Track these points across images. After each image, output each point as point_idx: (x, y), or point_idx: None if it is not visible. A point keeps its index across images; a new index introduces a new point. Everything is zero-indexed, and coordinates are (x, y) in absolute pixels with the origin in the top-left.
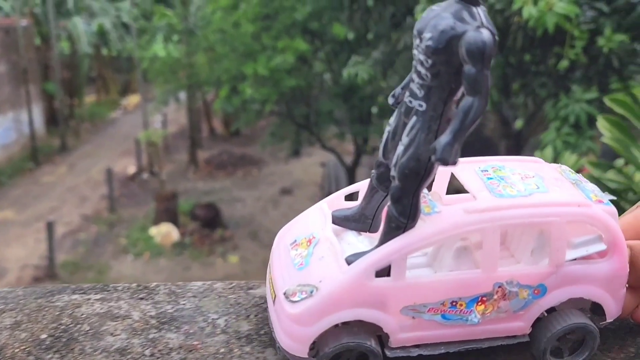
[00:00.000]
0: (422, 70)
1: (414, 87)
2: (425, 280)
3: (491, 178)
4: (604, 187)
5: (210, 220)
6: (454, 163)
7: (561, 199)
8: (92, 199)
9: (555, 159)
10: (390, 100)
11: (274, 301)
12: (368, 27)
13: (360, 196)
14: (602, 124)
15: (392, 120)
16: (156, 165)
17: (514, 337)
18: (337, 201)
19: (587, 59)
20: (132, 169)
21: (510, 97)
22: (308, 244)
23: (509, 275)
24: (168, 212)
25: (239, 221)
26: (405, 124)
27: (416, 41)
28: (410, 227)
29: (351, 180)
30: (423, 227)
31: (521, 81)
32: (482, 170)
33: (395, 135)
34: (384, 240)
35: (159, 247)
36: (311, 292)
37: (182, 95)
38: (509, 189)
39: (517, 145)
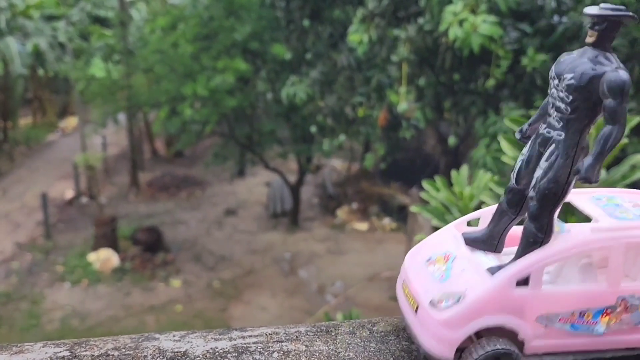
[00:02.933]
0: (562, 105)
1: (552, 120)
2: (559, 291)
3: (607, 205)
4: None
5: (151, 244)
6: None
7: None
8: (27, 225)
9: (470, 177)
10: (518, 135)
11: (416, 311)
12: (306, 47)
13: (483, 222)
14: (503, 143)
15: (526, 150)
16: (95, 189)
17: (635, 349)
18: (460, 226)
19: (513, 77)
20: (69, 194)
21: (443, 115)
22: (445, 260)
23: (632, 290)
24: (107, 237)
25: (181, 244)
26: (540, 153)
27: (554, 82)
28: (546, 243)
29: (296, 199)
30: (557, 243)
31: (452, 100)
32: (596, 199)
33: (529, 163)
34: (522, 253)
35: (97, 273)
36: (458, 299)
37: (123, 116)
38: (626, 214)
39: (455, 161)
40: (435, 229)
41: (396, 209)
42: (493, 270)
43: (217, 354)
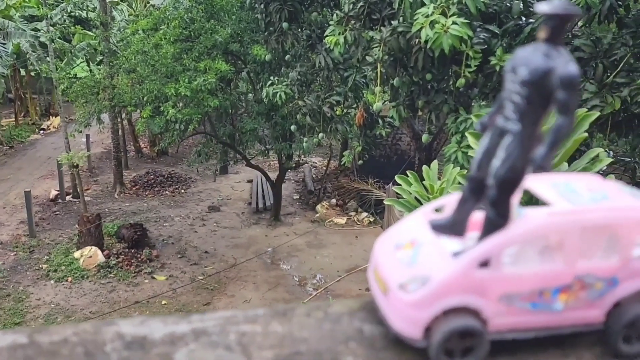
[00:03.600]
0: (517, 98)
1: (508, 112)
2: (518, 271)
3: (563, 190)
4: None
5: (136, 240)
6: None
7: (626, 205)
8: (10, 224)
9: (441, 172)
10: (478, 127)
11: (385, 294)
12: (285, 48)
13: (448, 208)
14: (470, 139)
15: (485, 141)
16: (79, 187)
17: (591, 324)
18: (428, 213)
19: (483, 77)
20: (54, 192)
21: (417, 113)
22: (412, 245)
23: (587, 270)
24: (92, 235)
25: (166, 240)
26: (498, 144)
27: (510, 76)
28: (506, 227)
29: (277, 195)
30: (516, 227)
31: (425, 98)
32: (553, 185)
33: (489, 153)
34: (484, 238)
35: (82, 270)
36: (424, 281)
37: (107, 116)
38: (581, 199)
39: (429, 157)
40: None
41: (373, 204)
42: (457, 254)
43: (175, 337)
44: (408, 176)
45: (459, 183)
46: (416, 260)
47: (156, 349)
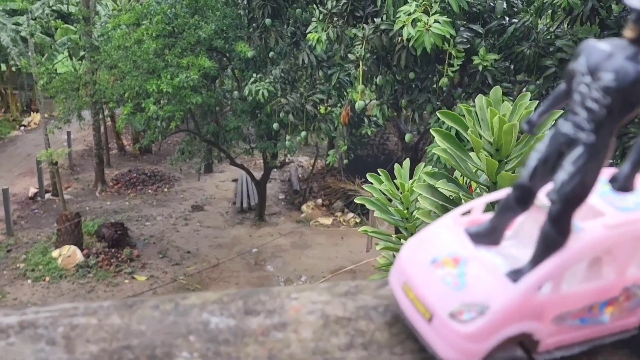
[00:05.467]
0: (595, 106)
1: (579, 120)
2: (574, 290)
3: (604, 193)
4: (439, 195)
5: (117, 239)
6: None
7: None
8: None
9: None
10: (525, 127)
11: (429, 321)
12: (268, 45)
13: (475, 214)
14: (436, 137)
15: (543, 147)
16: (59, 185)
17: (627, 331)
18: (457, 218)
19: (466, 76)
20: (33, 190)
21: (401, 113)
22: (455, 263)
23: (633, 279)
24: (71, 234)
25: (148, 239)
26: (560, 153)
27: (585, 78)
28: (565, 246)
29: (262, 194)
30: (575, 244)
31: (408, 97)
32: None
33: (547, 162)
34: (541, 257)
35: (60, 270)
36: (482, 310)
37: (88, 112)
38: (625, 203)
39: (415, 157)
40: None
41: (359, 204)
42: (514, 277)
43: None
44: (379, 174)
45: (424, 181)
46: (465, 282)
47: None
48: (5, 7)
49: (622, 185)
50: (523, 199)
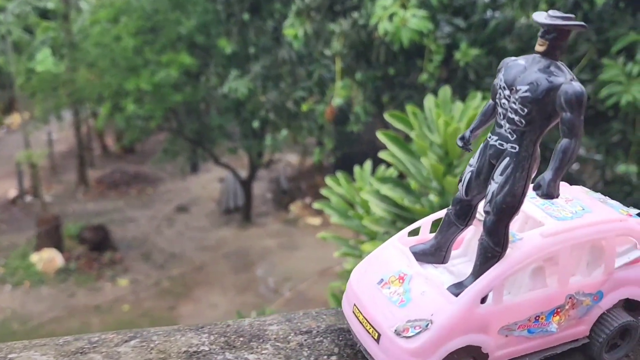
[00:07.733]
0: (516, 117)
1: (503, 132)
2: (518, 301)
3: (543, 204)
4: (389, 201)
5: (98, 242)
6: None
7: (607, 216)
8: None
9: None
10: (459, 143)
11: (377, 340)
12: (247, 41)
13: (424, 231)
14: (382, 139)
15: (474, 161)
16: (39, 187)
17: (577, 340)
18: (403, 239)
19: (447, 72)
20: (13, 193)
21: (383, 109)
22: (400, 281)
23: (577, 287)
24: (51, 237)
25: (130, 242)
26: (491, 165)
27: (504, 92)
28: (503, 256)
29: (248, 194)
30: (513, 254)
31: (390, 94)
32: (531, 197)
33: (480, 175)
34: (481, 269)
35: (40, 274)
36: (426, 325)
37: (69, 112)
38: (563, 212)
39: None
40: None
41: None
42: (455, 291)
43: None
44: (336, 176)
45: (370, 184)
46: (409, 298)
47: None
48: None
49: (545, 191)
50: (462, 214)
